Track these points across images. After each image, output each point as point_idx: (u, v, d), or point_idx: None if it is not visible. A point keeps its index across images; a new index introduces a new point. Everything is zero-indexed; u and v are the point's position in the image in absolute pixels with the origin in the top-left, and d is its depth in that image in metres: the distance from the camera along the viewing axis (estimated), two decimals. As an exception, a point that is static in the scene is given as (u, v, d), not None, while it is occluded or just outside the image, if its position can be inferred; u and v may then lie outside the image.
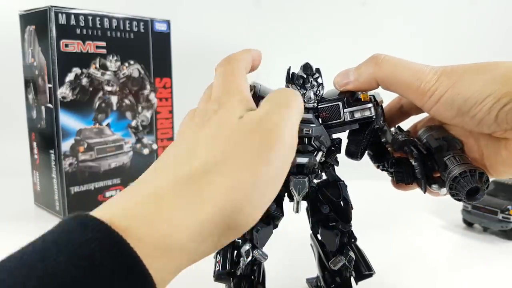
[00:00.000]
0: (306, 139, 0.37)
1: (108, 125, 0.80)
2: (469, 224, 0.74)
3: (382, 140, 0.41)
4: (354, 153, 0.40)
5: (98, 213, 0.22)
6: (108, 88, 0.79)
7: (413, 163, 0.39)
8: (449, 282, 0.56)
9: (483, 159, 0.38)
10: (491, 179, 0.37)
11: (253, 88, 0.39)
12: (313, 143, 0.37)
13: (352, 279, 0.44)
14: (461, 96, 0.33)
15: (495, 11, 1.12)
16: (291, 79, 0.38)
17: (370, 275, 0.43)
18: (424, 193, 0.40)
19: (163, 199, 0.23)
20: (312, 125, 0.37)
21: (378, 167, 0.43)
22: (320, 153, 0.38)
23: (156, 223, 0.22)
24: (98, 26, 0.76)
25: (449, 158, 0.36)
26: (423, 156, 0.39)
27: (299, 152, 0.37)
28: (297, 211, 0.39)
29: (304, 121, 0.37)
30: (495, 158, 0.36)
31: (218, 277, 0.42)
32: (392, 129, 0.44)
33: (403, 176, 0.40)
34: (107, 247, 0.19)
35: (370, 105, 0.38)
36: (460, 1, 1.13)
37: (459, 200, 0.35)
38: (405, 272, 0.58)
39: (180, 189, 0.24)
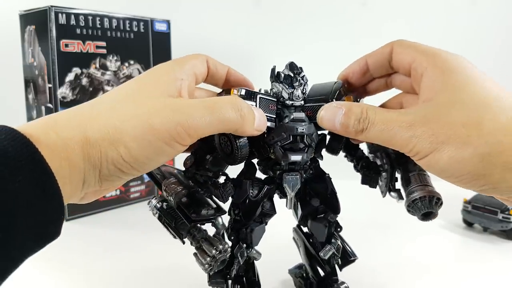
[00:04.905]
0: (299, 137, 0.38)
1: (108, 125, 0.80)
2: (469, 224, 0.74)
3: None
4: (335, 149, 0.42)
5: (17, 127, 0.29)
6: (108, 88, 0.79)
7: (381, 171, 0.42)
8: (449, 282, 0.56)
9: None
10: None
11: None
12: (305, 141, 0.38)
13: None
14: (439, 166, 0.32)
15: (497, 12, 1.12)
16: (278, 78, 0.39)
17: (353, 261, 0.46)
18: (383, 197, 0.43)
19: (57, 118, 0.32)
20: (304, 123, 0.38)
21: (345, 156, 0.45)
22: (311, 150, 0.39)
23: (53, 133, 0.30)
24: (98, 26, 0.76)
25: (413, 175, 0.40)
26: (392, 168, 0.42)
27: (292, 150, 0.38)
28: (290, 207, 0.42)
29: (297, 120, 0.38)
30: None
31: (213, 278, 0.42)
32: None
33: (369, 181, 0.43)
34: (15, 144, 0.27)
35: None
36: (461, 1, 1.13)
37: (413, 215, 0.40)
38: (405, 271, 0.58)
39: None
